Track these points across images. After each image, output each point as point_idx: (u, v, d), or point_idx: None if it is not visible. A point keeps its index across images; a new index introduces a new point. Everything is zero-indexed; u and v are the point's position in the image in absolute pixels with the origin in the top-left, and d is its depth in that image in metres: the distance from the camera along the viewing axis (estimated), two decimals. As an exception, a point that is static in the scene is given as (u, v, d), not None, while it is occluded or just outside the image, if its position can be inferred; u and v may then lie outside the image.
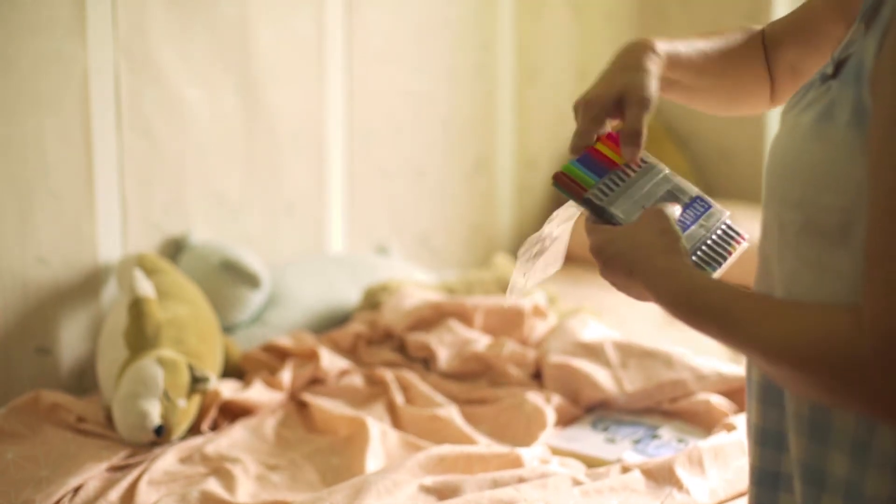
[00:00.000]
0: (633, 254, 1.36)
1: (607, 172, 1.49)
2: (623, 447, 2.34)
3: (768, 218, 1.32)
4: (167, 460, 2.27)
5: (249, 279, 2.92)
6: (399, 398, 2.60)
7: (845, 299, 1.19)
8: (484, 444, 2.35)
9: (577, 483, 2.07)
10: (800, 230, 1.24)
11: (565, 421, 2.52)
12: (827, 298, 1.21)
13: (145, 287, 2.56)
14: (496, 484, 2.05)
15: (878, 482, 1.19)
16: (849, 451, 1.22)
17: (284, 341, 2.81)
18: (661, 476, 2.08)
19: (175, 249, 3.00)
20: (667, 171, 1.58)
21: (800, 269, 1.25)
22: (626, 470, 2.12)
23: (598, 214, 1.44)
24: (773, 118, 4.22)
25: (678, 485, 2.06)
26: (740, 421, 2.25)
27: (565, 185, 1.46)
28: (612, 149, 1.53)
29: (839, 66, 1.28)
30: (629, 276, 1.37)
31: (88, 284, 2.78)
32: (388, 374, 2.69)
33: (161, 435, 2.33)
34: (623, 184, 1.49)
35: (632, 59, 1.57)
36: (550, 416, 2.45)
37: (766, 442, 1.36)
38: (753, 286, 1.38)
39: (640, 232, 1.38)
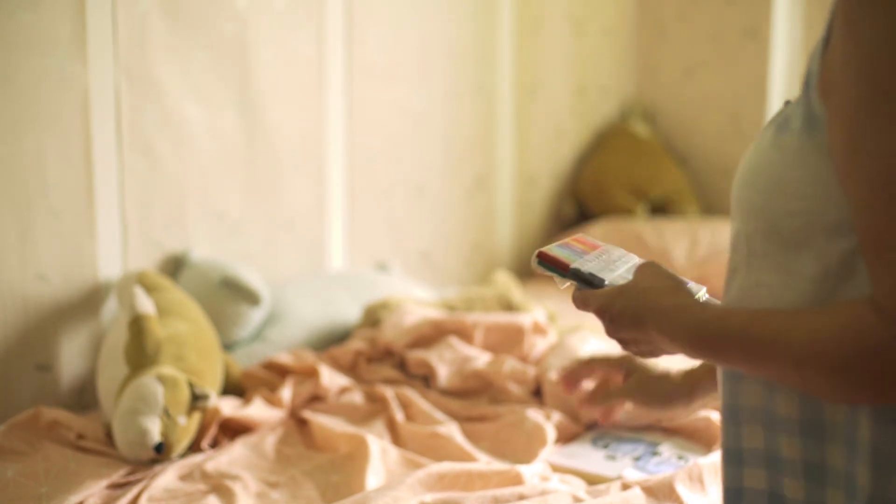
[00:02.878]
0: (638, 302, 1.38)
1: (584, 254, 1.59)
2: (623, 464, 2.33)
3: (736, 229, 1.35)
4: (167, 478, 2.27)
5: (249, 296, 2.92)
6: (399, 415, 2.60)
7: (812, 300, 1.22)
8: (484, 462, 2.35)
9: (577, 500, 2.07)
10: (764, 238, 1.27)
11: (566, 438, 2.52)
12: (795, 300, 1.24)
13: (145, 304, 2.56)
14: (497, 501, 2.05)
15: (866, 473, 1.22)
16: (843, 442, 1.25)
17: (284, 358, 2.81)
18: (662, 493, 2.08)
19: (175, 267, 3.00)
20: (634, 255, 1.67)
21: (767, 275, 1.28)
22: (626, 487, 2.12)
23: (587, 282, 1.51)
24: (773, 135, 4.23)
25: (678, 502, 2.05)
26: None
27: (550, 262, 1.54)
28: (584, 243, 1.63)
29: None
30: (639, 326, 1.38)
31: (89, 301, 2.78)
32: (389, 392, 2.69)
33: (161, 452, 2.33)
34: (599, 260, 1.58)
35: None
36: (551, 433, 2.45)
37: (730, 419, 1.40)
38: (723, 301, 1.40)
39: (640, 282, 1.42)
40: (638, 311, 1.37)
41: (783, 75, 4.23)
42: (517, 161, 4.22)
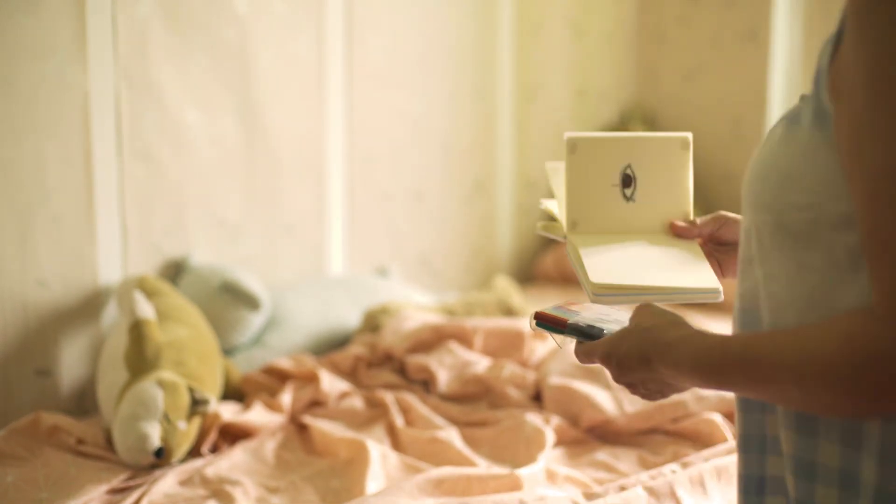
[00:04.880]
0: (642, 341, 1.38)
1: (577, 313, 1.59)
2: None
3: (746, 223, 1.35)
4: (167, 482, 2.27)
5: (249, 301, 2.92)
6: (399, 420, 2.60)
7: (823, 293, 1.22)
8: (483, 466, 2.35)
9: (576, 505, 2.07)
10: (773, 231, 1.27)
11: (565, 442, 2.52)
12: (805, 293, 1.24)
13: (146, 309, 2.56)
14: (496, 506, 2.05)
15: (872, 468, 1.20)
16: (838, 439, 1.24)
17: (284, 363, 2.82)
18: (663, 496, 2.08)
19: (175, 272, 3.00)
20: (624, 309, 1.67)
21: (777, 267, 1.28)
22: (625, 488, 2.12)
23: (586, 334, 1.51)
24: (773, 139, 4.23)
25: (678, 506, 2.06)
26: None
27: (547, 321, 1.55)
28: (575, 305, 1.64)
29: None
30: (646, 364, 1.38)
31: (89, 307, 2.78)
32: (388, 397, 2.69)
33: (161, 457, 2.33)
34: (592, 312, 1.59)
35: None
36: (550, 436, 2.45)
37: (749, 448, 1.38)
38: (736, 292, 1.39)
39: (641, 322, 1.42)
40: (644, 350, 1.37)
41: (783, 79, 4.23)
42: (517, 165, 4.22)
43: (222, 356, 2.78)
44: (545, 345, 2.91)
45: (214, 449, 2.49)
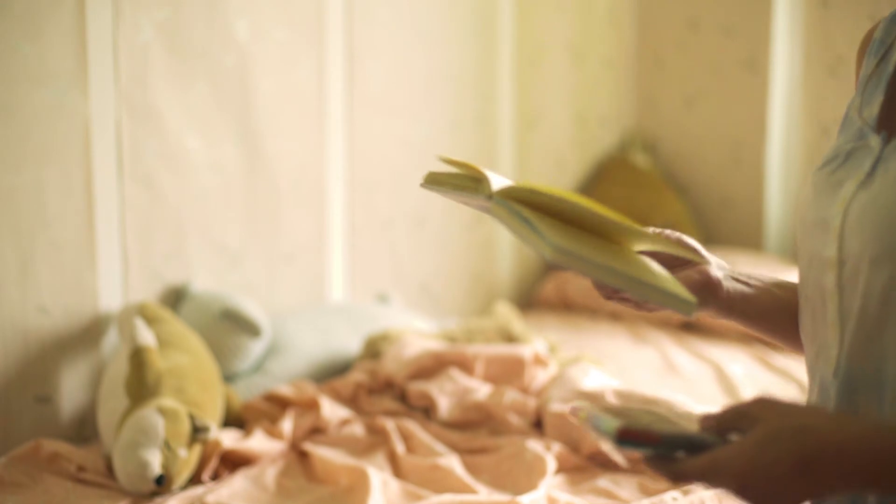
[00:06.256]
0: (801, 446, 1.08)
1: (638, 415, 1.26)
2: None
3: (876, 280, 1.22)
4: (168, 510, 2.27)
5: (250, 328, 2.92)
6: (400, 447, 2.60)
7: None
8: (484, 493, 2.34)
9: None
10: None
11: (566, 469, 2.51)
12: None
13: (146, 336, 2.56)
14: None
15: None
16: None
17: (285, 390, 2.81)
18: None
19: (176, 298, 3.00)
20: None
21: None
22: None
23: (694, 446, 1.18)
24: (774, 166, 4.24)
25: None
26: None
27: (633, 438, 1.19)
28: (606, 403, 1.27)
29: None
30: (805, 476, 1.09)
31: (89, 333, 2.78)
32: (389, 424, 2.69)
33: (162, 484, 2.32)
34: (653, 416, 1.27)
35: None
36: (551, 463, 2.44)
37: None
38: (837, 358, 1.27)
39: (784, 422, 1.11)
40: (804, 456, 1.07)
41: (783, 106, 4.24)
42: (517, 192, 4.22)
43: (223, 383, 2.78)
44: (546, 371, 2.91)
45: (215, 476, 2.49)
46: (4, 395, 2.63)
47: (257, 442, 2.56)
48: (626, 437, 1.17)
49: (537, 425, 2.71)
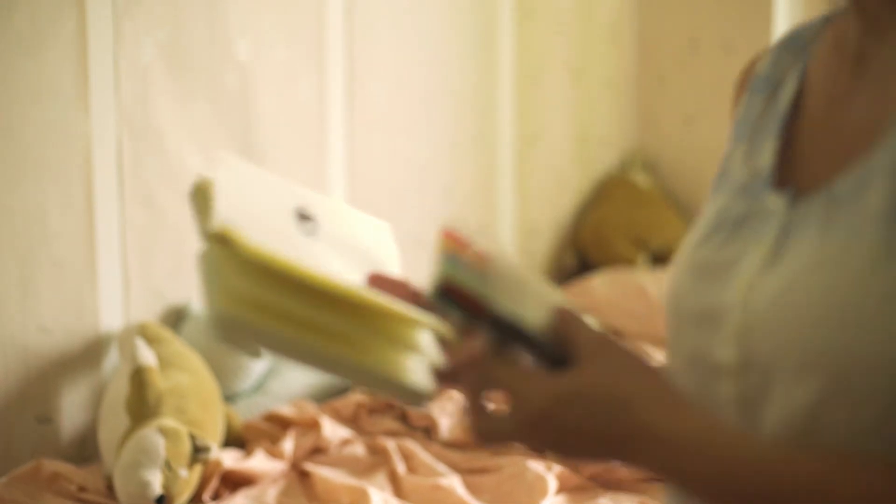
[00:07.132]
0: (611, 419, 0.92)
1: (480, 273, 1.09)
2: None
3: (792, 393, 0.95)
4: (168, 531, 2.26)
5: (250, 348, 2.91)
6: (401, 467, 2.59)
7: None
8: (486, 514, 2.34)
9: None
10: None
11: (567, 488, 2.51)
12: None
13: (147, 356, 2.56)
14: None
15: None
16: None
17: (286, 410, 2.81)
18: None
19: (177, 318, 3.00)
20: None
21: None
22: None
23: (519, 340, 0.99)
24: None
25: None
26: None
27: (457, 298, 1.04)
28: (457, 241, 1.15)
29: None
30: (607, 450, 0.94)
31: (90, 353, 2.77)
32: (390, 444, 2.68)
33: (162, 505, 2.32)
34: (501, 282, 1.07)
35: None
36: (552, 483, 2.44)
37: None
38: None
39: (606, 383, 0.94)
40: (614, 433, 0.92)
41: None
42: (518, 211, 4.22)
43: (224, 403, 2.77)
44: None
45: (216, 496, 2.48)
46: (5, 415, 2.62)
47: (258, 462, 2.56)
48: (449, 293, 1.04)
49: (539, 445, 2.70)
